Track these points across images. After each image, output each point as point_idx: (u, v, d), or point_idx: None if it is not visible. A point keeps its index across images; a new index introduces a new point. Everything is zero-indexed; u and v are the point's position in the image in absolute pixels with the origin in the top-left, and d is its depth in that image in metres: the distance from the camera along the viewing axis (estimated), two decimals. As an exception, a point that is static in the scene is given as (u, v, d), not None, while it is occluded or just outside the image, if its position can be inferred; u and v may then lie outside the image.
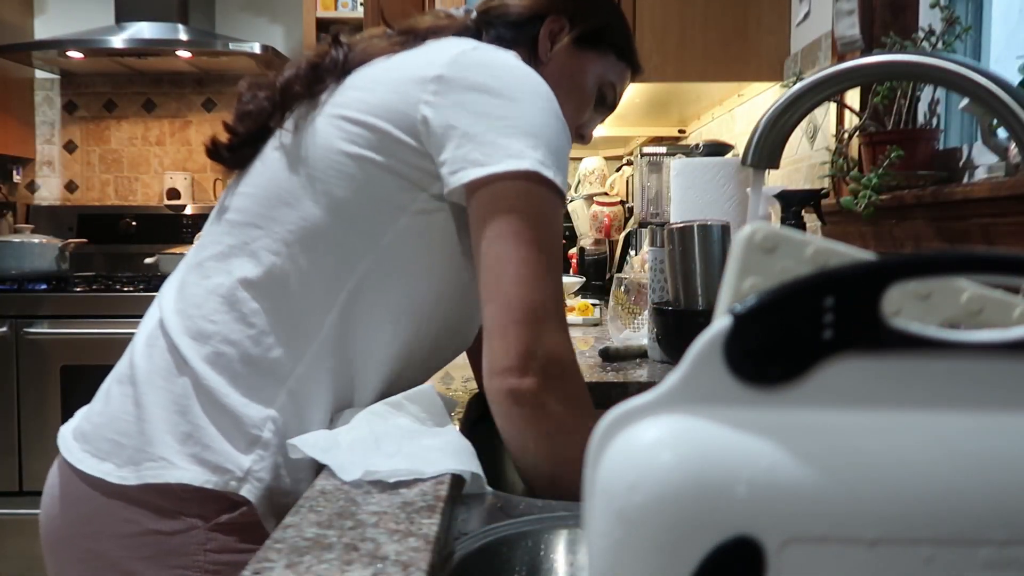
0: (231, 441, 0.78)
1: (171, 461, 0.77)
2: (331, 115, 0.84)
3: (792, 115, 0.78)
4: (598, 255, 2.80)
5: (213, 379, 0.80)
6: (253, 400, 0.79)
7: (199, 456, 0.77)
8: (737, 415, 0.30)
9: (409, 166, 0.81)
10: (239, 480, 0.77)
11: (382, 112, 0.81)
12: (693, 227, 1.28)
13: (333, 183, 0.81)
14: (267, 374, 0.80)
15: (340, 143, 0.81)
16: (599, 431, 0.31)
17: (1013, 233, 1.05)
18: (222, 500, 0.78)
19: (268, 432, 0.79)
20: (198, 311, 0.83)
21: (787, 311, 0.29)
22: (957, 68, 0.71)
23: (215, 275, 0.84)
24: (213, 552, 0.77)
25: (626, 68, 1.05)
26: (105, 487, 0.79)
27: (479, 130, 0.77)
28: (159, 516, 0.78)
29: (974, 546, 0.29)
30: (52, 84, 3.50)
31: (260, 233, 0.83)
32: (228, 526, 0.78)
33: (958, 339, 0.30)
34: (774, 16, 1.82)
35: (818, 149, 1.65)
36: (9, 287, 2.74)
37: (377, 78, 0.85)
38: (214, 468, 0.77)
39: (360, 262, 0.81)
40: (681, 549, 0.28)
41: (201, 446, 0.78)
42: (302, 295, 0.81)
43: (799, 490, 0.28)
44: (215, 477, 0.77)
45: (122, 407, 0.82)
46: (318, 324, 0.81)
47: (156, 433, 0.79)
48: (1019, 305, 0.40)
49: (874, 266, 0.29)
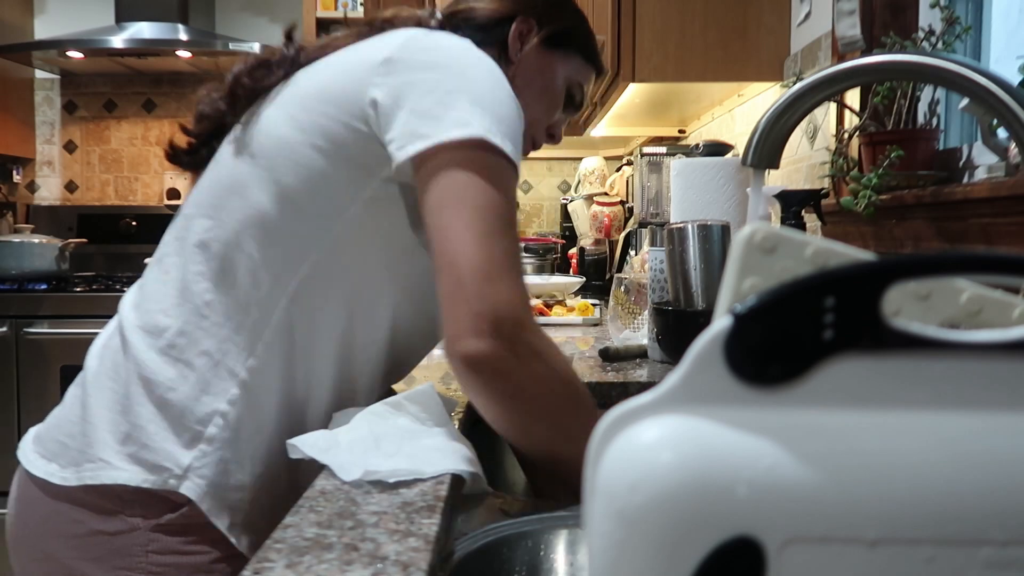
0: (172, 438, 0.78)
1: (109, 461, 0.78)
2: (280, 104, 0.84)
3: (792, 115, 0.78)
4: (598, 255, 2.80)
5: (162, 373, 0.79)
6: (204, 393, 0.79)
7: (137, 455, 0.77)
8: (738, 415, 0.30)
9: (358, 150, 0.79)
10: (178, 478, 0.77)
11: (331, 98, 0.80)
12: (693, 227, 1.28)
13: (282, 172, 0.81)
14: (220, 366, 0.80)
15: (288, 131, 0.81)
16: (599, 431, 0.31)
17: (1013, 233, 1.05)
18: (164, 500, 0.77)
19: (214, 427, 0.79)
20: (156, 305, 0.83)
21: (787, 311, 0.29)
22: (957, 68, 0.71)
23: (172, 269, 0.84)
24: (155, 553, 0.77)
25: (591, 69, 1.06)
26: (51, 488, 0.80)
27: (426, 105, 0.75)
28: (102, 517, 0.78)
29: (975, 546, 0.29)
30: (52, 84, 3.50)
31: (211, 224, 0.83)
32: (171, 527, 0.78)
33: (958, 339, 0.30)
34: (774, 16, 1.82)
35: (818, 149, 1.65)
36: (9, 287, 2.74)
37: (328, 65, 0.84)
38: (152, 467, 0.77)
39: (310, 251, 0.81)
40: (682, 549, 0.28)
41: (139, 445, 0.78)
42: (252, 285, 0.81)
43: (800, 490, 0.28)
44: (153, 476, 0.77)
45: (71, 409, 0.83)
46: (268, 314, 0.80)
47: (97, 433, 0.79)
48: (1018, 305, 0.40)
49: (874, 266, 0.29)
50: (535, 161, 3.76)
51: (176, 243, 0.86)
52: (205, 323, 0.80)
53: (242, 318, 0.80)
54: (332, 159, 0.80)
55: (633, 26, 1.82)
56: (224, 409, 0.79)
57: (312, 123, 0.80)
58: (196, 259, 0.82)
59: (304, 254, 0.80)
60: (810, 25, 1.71)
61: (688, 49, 1.82)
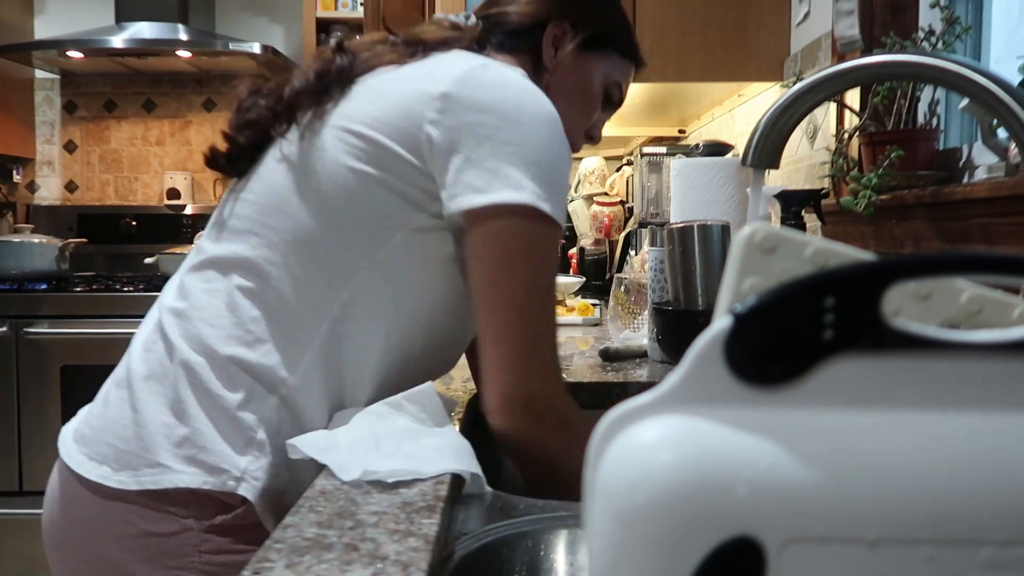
0: (228, 442, 0.78)
1: (168, 466, 0.78)
2: (335, 126, 0.83)
3: (792, 115, 0.78)
4: (598, 255, 2.80)
5: (210, 381, 0.80)
6: (251, 401, 0.80)
7: (195, 458, 0.78)
8: (738, 415, 0.30)
9: (410, 184, 0.81)
10: (237, 480, 0.78)
11: (386, 128, 0.81)
12: (693, 227, 1.28)
13: (332, 195, 0.81)
14: (261, 380, 0.80)
15: (342, 156, 0.81)
16: (599, 431, 0.31)
17: (1013, 233, 1.05)
18: (217, 502, 0.78)
19: (263, 433, 0.79)
20: (199, 314, 0.83)
21: (787, 311, 0.29)
22: (957, 68, 0.71)
23: (215, 280, 0.84)
24: (208, 553, 0.78)
25: (630, 65, 1.05)
26: (103, 490, 0.79)
27: (481, 154, 0.77)
28: (155, 518, 0.78)
29: (975, 546, 0.29)
30: (52, 84, 3.50)
31: (258, 241, 0.83)
32: (223, 527, 0.78)
33: (958, 339, 0.30)
34: (774, 16, 1.82)
35: (818, 149, 1.65)
36: (9, 287, 2.74)
37: (383, 91, 0.84)
38: (211, 469, 0.78)
39: (354, 275, 0.81)
40: (682, 549, 0.28)
41: (197, 448, 0.78)
42: (297, 305, 0.81)
43: (800, 490, 0.28)
44: (212, 478, 0.77)
45: (120, 411, 0.83)
46: (312, 335, 0.81)
47: (153, 437, 0.79)
48: (1018, 305, 0.40)
49: (874, 266, 0.29)
50: (535, 161, 3.75)
51: (219, 252, 0.85)
52: (249, 337, 0.81)
53: (286, 336, 0.81)
54: (383, 187, 0.81)
55: (633, 26, 1.81)
56: (270, 416, 0.80)
57: (365, 150, 0.81)
58: (242, 274, 0.83)
59: (349, 277, 0.81)
60: (810, 25, 1.71)
61: (688, 49, 1.82)
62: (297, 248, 0.82)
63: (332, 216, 0.81)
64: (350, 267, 0.81)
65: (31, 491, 2.68)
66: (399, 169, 0.80)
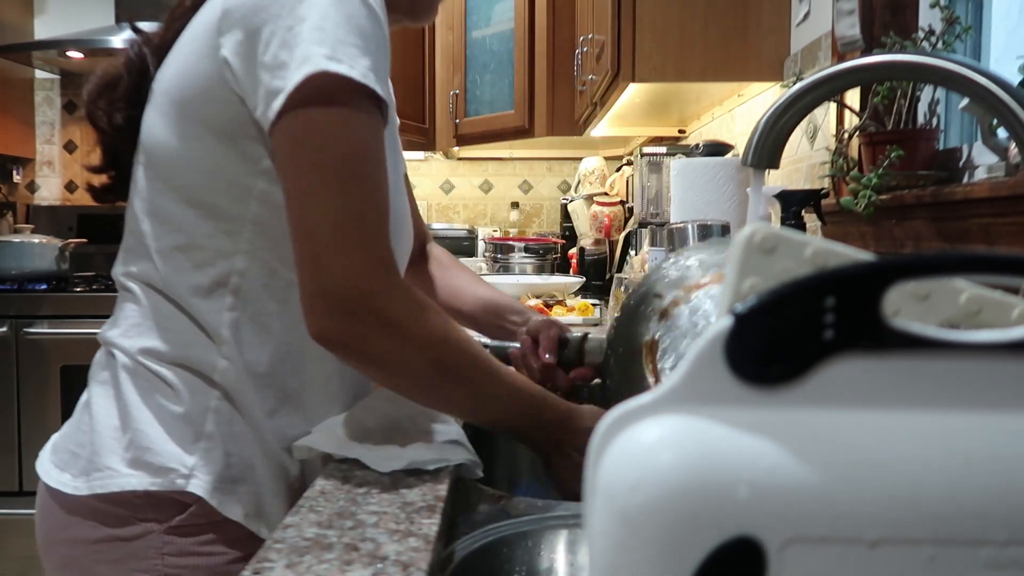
0: (174, 439, 0.78)
1: (116, 469, 0.78)
2: (154, 105, 0.80)
3: (792, 115, 0.78)
4: (598, 255, 2.80)
5: (151, 380, 0.79)
6: (193, 393, 0.79)
7: (141, 460, 0.77)
8: (738, 415, 0.30)
9: (238, 123, 0.74)
10: (185, 477, 0.77)
11: (191, 81, 0.76)
12: (693, 227, 1.28)
13: (181, 178, 0.78)
14: (196, 373, 0.79)
15: (168, 133, 0.77)
16: (599, 431, 0.31)
17: (1013, 233, 1.05)
18: (173, 502, 0.77)
19: (211, 424, 0.78)
20: (123, 315, 0.84)
21: (788, 311, 0.29)
22: (957, 68, 0.71)
23: (135, 290, 0.83)
24: (171, 556, 0.77)
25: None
26: (64, 497, 0.80)
27: (271, 53, 0.69)
28: (118, 522, 0.78)
29: (975, 546, 0.29)
30: (52, 84, 3.50)
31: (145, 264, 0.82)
32: (183, 528, 0.77)
33: (959, 339, 0.30)
34: (774, 16, 1.82)
35: (818, 149, 1.65)
36: (9, 287, 2.74)
37: (179, 46, 0.79)
38: (157, 470, 0.77)
39: (239, 245, 0.78)
40: (682, 549, 0.28)
41: (142, 449, 0.77)
42: (198, 298, 0.79)
43: (800, 490, 0.28)
44: (160, 479, 0.77)
45: (80, 417, 0.84)
46: (219, 319, 0.79)
47: (103, 441, 0.79)
48: (1017, 306, 0.40)
49: (875, 266, 0.29)
50: (535, 161, 3.76)
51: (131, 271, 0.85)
52: (169, 335, 0.80)
53: (199, 327, 0.80)
54: (209, 143, 0.76)
55: (633, 26, 1.82)
56: (215, 405, 0.79)
57: (185, 114, 0.77)
58: (145, 282, 0.82)
59: (234, 249, 0.78)
60: (810, 25, 1.71)
61: (688, 49, 1.82)
62: (179, 247, 0.79)
63: (190, 199, 0.78)
64: (232, 240, 0.78)
65: (31, 491, 2.67)
66: (220, 114, 0.75)
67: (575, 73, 2.66)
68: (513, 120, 3.03)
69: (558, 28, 2.93)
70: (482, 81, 3.16)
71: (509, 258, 2.80)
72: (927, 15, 1.41)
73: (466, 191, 3.81)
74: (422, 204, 3.77)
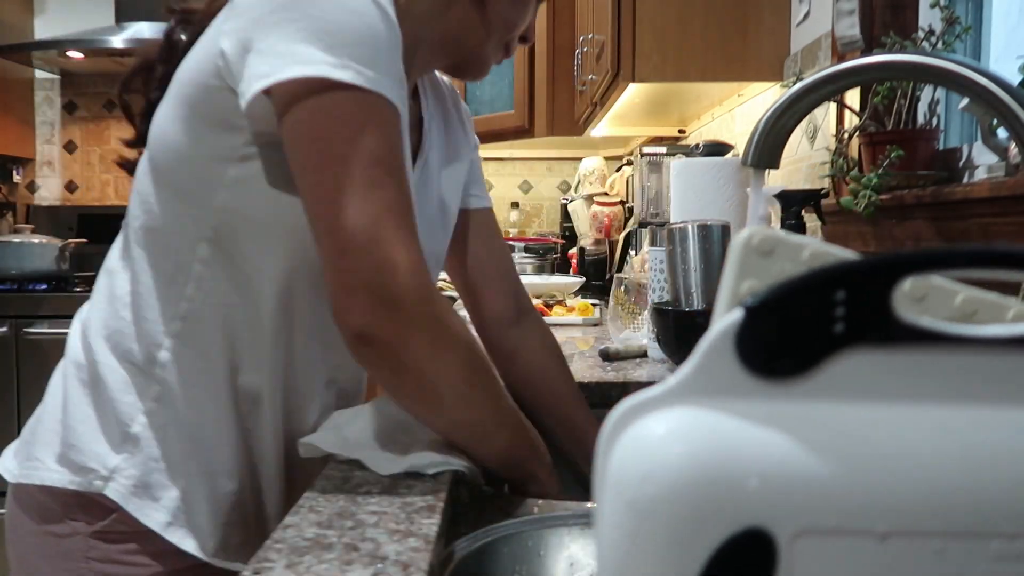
0: (103, 439, 0.76)
1: (42, 461, 0.77)
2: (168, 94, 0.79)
3: (792, 115, 0.78)
4: (598, 255, 2.80)
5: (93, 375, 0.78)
6: (127, 393, 0.76)
7: (66, 456, 0.76)
8: (749, 408, 0.30)
9: (215, 108, 0.72)
10: (104, 479, 0.74)
11: (192, 65, 0.75)
12: (693, 227, 1.28)
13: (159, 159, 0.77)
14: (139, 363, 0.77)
15: (162, 116, 0.77)
16: (610, 422, 0.32)
17: (1013, 233, 1.05)
18: (99, 505, 0.75)
19: (139, 426, 0.76)
20: (91, 306, 0.84)
21: (799, 304, 0.29)
22: (957, 68, 0.71)
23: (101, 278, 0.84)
24: (96, 561, 0.75)
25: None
26: (12, 487, 0.80)
27: (270, 43, 0.66)
28: (53, 517, 0.76)
29: (984, 539, 0.29)
30: (52, 84, 3.49)
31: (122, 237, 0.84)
32: (109, 534, 0.75)
33: (968, 334, 0.30)
34: (774, 16, 1.82)
35: (818, 149, 1.65)
36: (9, 287, 2.74)
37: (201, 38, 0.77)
38: (78, 468, 0.75)
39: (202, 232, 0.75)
40: (693, 541, 0.29)
41: (69, 445, 0.76)
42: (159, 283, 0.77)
43: (811, 483, 0.29)
44: (78, 477, 0.75)
45: (41, 406, 0.84)
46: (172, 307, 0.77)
47: (42, 432, 0.79)
48: (1012, 307, 0.40)
49: (885, 260, 0.29)
50: (535, 161, 3.76)
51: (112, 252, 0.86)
52: (122, 323, 0.78)
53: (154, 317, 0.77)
54: (192, 125, 0.74)
55: (633, 26, 1.82)
56: (149, 407, 0.76)
57: (176, 97, 0.75)
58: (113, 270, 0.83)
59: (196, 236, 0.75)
60: (810, 25, 1.71)
61: (688, 49, 1.82)
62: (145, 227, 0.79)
63: (160, 180, 0.77)
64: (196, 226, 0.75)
65: (31, 491, 2.68)
66: (201, 97, 0.73)
67: (575, 73, 2.66)
68: (513, 120, 3.03)
69: (558, 28, 2.93)
70: (482, 81, 3.16)
71: (509, 258, 2.80)
72: (927, 15, 1.41)
73: (466, 191, 3.80)
74: (422, 204, 3.77)
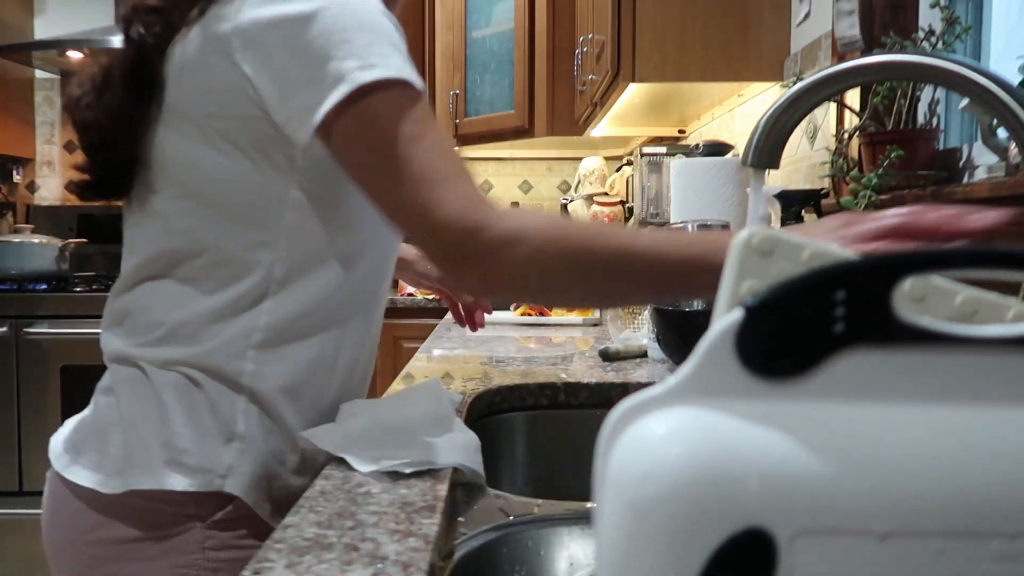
0: (209, 439, 0.78)
1: (152, 470, 0.77)
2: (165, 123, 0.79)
3: (792, 115, 0.78)
4: (598, 255, 2.80)
5: (183, 384, 0.79)
6: (224, 396, 0.79)
7: (179, 461, 0.77)
8: (749, 408, 0.30)
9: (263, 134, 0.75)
10: (222, 477, 0.77)
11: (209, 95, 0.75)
12: (693, 227, 1.28)
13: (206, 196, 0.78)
14: (223, 379, 0.79)
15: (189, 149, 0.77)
16: (610, 422, 0.31)
17: (1013, 233, 1.05)
18: (213, 497, 0.78)
19: (242, 425, 0.79)
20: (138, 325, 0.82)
21: (799, 304, 0.29)
22: (957, 68, 0.71)
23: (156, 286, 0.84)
24: (212, 550, 0.77)
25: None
26: (97, 497, 0.79)
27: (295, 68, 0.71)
28: (158, 518, 0.78)
29: (985, 539, 0.29)
30: (52, 84, 3.49)
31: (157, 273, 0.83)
32: (225, 523, 0.78)
33: (969, 334, 0.30)
34: (774, 16, 1.82)
35: (818, 149, 1.65)
36: (9, 287, 2.74)
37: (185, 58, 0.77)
38: (194, 471, 0.77)
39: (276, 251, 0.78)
40: (693, 541, 0.29)
41: (179, 451, 0.77)
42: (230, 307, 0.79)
43: (811, 483, 0.29)
44: (197, 479, 0.77)
45: (107, 416, 0.82)
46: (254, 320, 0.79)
47: (137, 441, 0.78)
48: (1012, 307, 0.40)
49: (885, 260, 0.29)
50: (535, 161, 3.76)
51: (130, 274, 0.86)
52: (194, 346, 0.79)
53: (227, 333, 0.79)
54: (246, 157, 0.76)
55: (633, 26, 1.82)
56: (244, 407, 0.79)
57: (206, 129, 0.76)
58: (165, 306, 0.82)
59: (270, 256, 0.78)
60: (810, 25, 1.71)
61: (688, 49, 1.82)
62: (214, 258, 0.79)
63: (218, 216, 0.78)
64: (269, 248, 0.78)
65: (31, 491, 2.68)
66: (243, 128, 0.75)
67: (575, 73, 2.66)
68: (513, 120, 3.03)
69: (558, 28, 2.93)
70: (482, 81, 3.16)
71: (509, 258, 2.80)
72: (927, 15, 1.41)
73: (466, 191, 3.80)
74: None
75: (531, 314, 1.98)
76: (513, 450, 1.16)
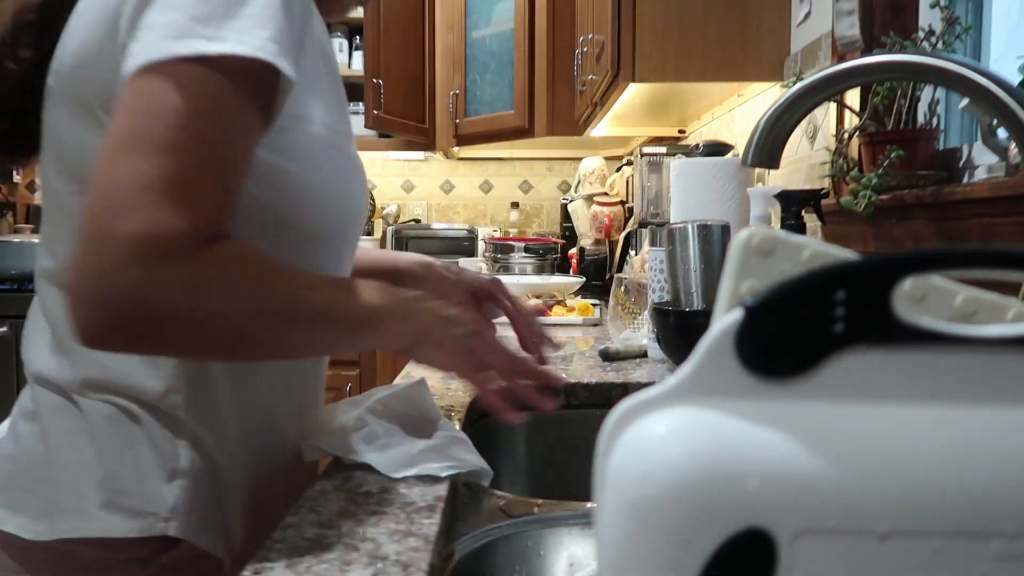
0: (150, 477, 0.68)
1: (86, 511, 0.67)
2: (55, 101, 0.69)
3: (792, 115, 0.78)
4: (598, 255, 2.80)
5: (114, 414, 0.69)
6: (164, 429, 0.70)
7: (116, 503, 0.67)
8: (749, 408, 0.30)
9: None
10: (166, 520, 0.68)
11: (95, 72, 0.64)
12: (693, 227, 1.28)
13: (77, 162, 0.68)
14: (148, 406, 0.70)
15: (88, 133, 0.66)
16: (610, 422, 0.32)
17: (1013, 233, 1.05)
18: (155, 542, 0.68)
19: (185, 459, 0.69)
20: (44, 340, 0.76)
21: (799, 304, 0.29)
22: (957, 68, 0.71)
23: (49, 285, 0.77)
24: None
25: None
26: (23, 544, 0.69)
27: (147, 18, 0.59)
28: (94, 565, 0.69)
29: (985, 539, 0.29)
30: (52, 84, 3.49)
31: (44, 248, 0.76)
32: (172, 566, 0.69)
33: (969, 334, 0.30)
34: (774, 16, 1.82)
35: (818, 149, 1.65)
36: (9, 287, 2.74)
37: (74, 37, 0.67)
38: (134, 513, 0.67)
39: None
40: (693, 541, 0.29)
41: (116, 491, 0.68)
42: None
43: (811, 483, 0.29)
44: (137, 523, 0.67)
45: (32, 447, 0.71)
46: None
47: (67, 479, 0.69)
48: (1012, 307, 0.40)
49: (885, 260, 0.29)
50: (535, 161, 3.76)
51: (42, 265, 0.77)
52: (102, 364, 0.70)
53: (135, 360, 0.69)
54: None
55: (633, 26, 1.82)
56: (186, 441, 0.70)
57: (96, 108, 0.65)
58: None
59: None
60: (810, 25, 1.71)
61: (688, 49, 1.82)
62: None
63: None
64: None
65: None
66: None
67: (575, 73, 2.66)
68: (513, 120, 3.03)
69: (558, 28, 2.93)
70: (482, 81, 3.16)
71: (509, 258, 2.81)
72: (927, 15, 1.41)
73: (466, 191, 3.81)
74: (422, 203, 3.77)
75: (531, 314, 1.98)
76: (513, 450, 1.16)
